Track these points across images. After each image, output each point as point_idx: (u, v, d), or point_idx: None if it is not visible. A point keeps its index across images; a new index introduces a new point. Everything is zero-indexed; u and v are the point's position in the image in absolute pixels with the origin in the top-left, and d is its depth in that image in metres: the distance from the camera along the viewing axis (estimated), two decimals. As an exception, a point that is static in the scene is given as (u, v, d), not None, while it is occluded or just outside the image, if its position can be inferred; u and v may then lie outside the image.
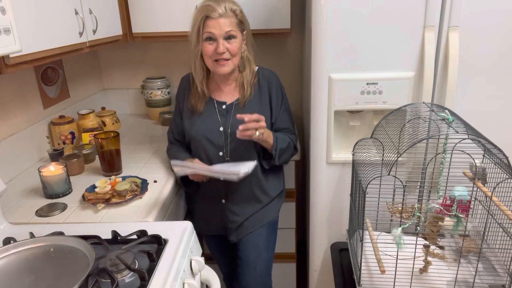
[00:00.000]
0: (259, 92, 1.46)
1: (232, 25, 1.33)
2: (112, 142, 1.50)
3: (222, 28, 1.31)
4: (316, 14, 1.31)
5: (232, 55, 1.35)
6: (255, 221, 1.53)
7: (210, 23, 1.31)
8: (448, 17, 1.26)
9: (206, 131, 1.43)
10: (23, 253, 0.96)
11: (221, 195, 1.49)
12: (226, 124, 1.43)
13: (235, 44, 1.35)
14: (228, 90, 1.47)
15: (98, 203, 1.28)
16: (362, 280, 1.08)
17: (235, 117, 1.40)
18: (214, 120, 1.44)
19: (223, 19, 1.31)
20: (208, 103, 1.46)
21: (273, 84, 1.47)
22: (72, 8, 1.41)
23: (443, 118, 1.02)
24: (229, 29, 1.32)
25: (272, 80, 1.47)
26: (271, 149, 1.42)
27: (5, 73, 1.10)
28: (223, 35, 1.32)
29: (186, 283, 0.99)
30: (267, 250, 1.57)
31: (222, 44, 1.32)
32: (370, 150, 1.17)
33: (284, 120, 1.49)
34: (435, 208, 1.05)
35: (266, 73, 1.48)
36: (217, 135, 1.43)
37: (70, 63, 1.99)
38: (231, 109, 1.44)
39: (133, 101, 2.40)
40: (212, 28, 1.31)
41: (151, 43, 2.26)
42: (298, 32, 2.18)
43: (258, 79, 1.46)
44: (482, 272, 1.04)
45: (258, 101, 1.45)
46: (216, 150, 1.43)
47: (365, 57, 1.31)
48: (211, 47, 1.34)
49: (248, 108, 1.43)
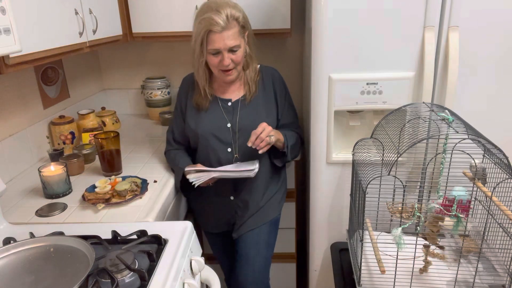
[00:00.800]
0: (263, 89, 1.48)
1: (235, 36, 1.32)
2: (112, 142, 1.50)
3: (226, 42, 1.31)
4: (316, 14, 1.31)
5: (236, 64, 1.38)
6: (258, 218, 1.55)
7: (213, 37, 1.31)
8: (448, 17, 1.26)
9: (214, 128, 1.45)
10: (23, 253, 0.96)
11: (230, 192, 1.51)
12: (233, 120, 1.45)
13: (239, 54, 1.36)
14: (232, 88, 1.49)
15: (98, 203, 1.28)
16: (362, 280, 1.08)
17: (242, 113, 1.45)
18: (221, 117, 1.46)
19: (226, 32, 1.30)
20: (212, 102, 1.48)
21: (277, 80, 1.50)
22: (72, 8, 1.41)
23: (443, 118, 1.02)
24: (233, 43, 1.32)
25: (276, 76, 1.50)
26: (282, 147, 1.45)
27: (5, 73, 1.10)
28: (227, 49, 1.33)
29: (186, 283, 0.99)
30: (267, 247, 1.58)
31: (227, 57, 1.33)
32: (370, 150, 1.17)
33: (289, 115, 1.54)
34: (435, 208, 1.05)
35: (269, 70, 1.51)
36: (225, 132, 1.45)
37: (70, 63, 1.99)
38: (237, 106, 1.46)
39: (133, 101, 2.40)
40: (216, 44, 1.31)
41: (151, 43, 2.26)
42: (298, 32, 2.18)
43: (261, 76, 1.49)
44: (482, 272, 1.04)
45: (263, 98, 1.48)
46: (224, 146, 1.45)
47: (365, 57, 1.31)
48: (216, 60, 1.35)
49: (254, 104, 1.46)
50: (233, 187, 1.51)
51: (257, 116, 1.44)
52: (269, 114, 1.48)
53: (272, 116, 1.49)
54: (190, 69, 1.51)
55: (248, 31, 1.41)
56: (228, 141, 1.45)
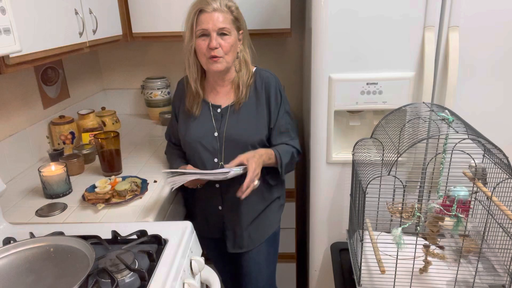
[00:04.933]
0: (255, 95, 1.39)
1: (226, 21, 1.28)
2: (112, 142, 1.50)
3: (216, 23, 1.26)
4: (316, 14, 1.31)
5: (225, 52, 1.30)
6: (254, 237, 1.48)
7: (203, 17, 1.27)
8: (448, 17, 1.26)
9: (201, 136, 1.39)
10: (23, 253, 0.96)
11: (218, 202, 1.44)
12: (221, 129, 1.38)
13: (229, 41, 1.29)
14: (223, 92, 1.41)
15: (98, 203, 1.28)
16: (362, 280, 1.08)
17: (230, 122, 1.37)
18: (209, 125, 1.39)
19: (217, 14, 1.26)
20: (203, 106, 1.42)
21: (272, 87, 1.39)
22: (72, 8, 1.41)
23: (443, 118, 1.02)
24: (223, 25, 1.27)
25: (271, 82, 1.39)
26: (275, 164, 1.37)
27: (5, 73, 1.10)
28: (216, 30, 1.27)
29: (186, 283, 0.99)
30: (268, 264, 1.54)
31: (215, 39, 1.27)
32: (370, 150, 1.17)
33: (283, 123, 1.41)
34: (435, 208, 1.05)
35: (264, 74, 1.41)
36: (212, 141, 1.38)
37: (70, 63, 1.99)
38: (226, 113, 1.39)
39: (133, 101, 2.40)
40: (205, 23, 1.27)
41: (151, 43, 2.26)
42: (298, 32, 2.18)
43: (254, 81, 1.40)
44: (482, 272, 1.04)
45: (254, 105, 1.39)
46: (211, 155, 1.39)
47: (365, 57, 1.31)
48: (204, 43, 1.29)
49: (244, 111, 1.38)
50: (221, 197, 1.43)
51: (245, 125, 1.37)
52: (259, 123, 1.38)
53: (261, 125, 1.38)
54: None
55: (244, 31, 1.36)
56: (214, 151, 1.38)
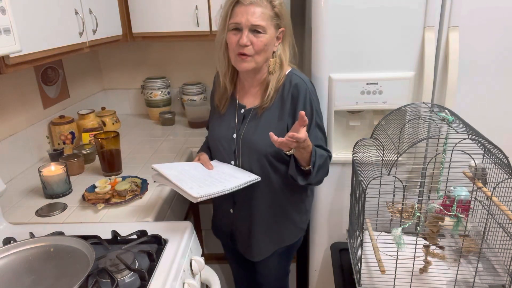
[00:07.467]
0: (280, 101, 1.24)
1: (263, 17, 1.15)
2: (112, 142, 1.50)
3: (250, 18, 1.14)
4: (316, 14, 1.31)
5: (256, 51, 1.17)
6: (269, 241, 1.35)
7: (238, 10, 1.15)
8: (448, 17, 1.26)
9: (221, 136, 1.32)
10: (23, 253, 0.96)
11: (229, 205, 1.36)
12: (239, 132, 1.28)
13: (262, 39, 1.16)
14: (252, 92, 1.30)
15: (98, 203, 1.28)
16: (362, 280, 1.08)
17: (249, 126, 1.27)
18: (230, 125, 1.31)
19: (254, 8, 1.14)
20: (231, 104, 1.33)
21: (301, 95, 1.21)
22: (72, 8, 1.41)
23: (443, 118, 1.02)
24: (258, 22, 1.14)
25: (300, 90, 1.21)
26: (307, 162, 1.18)
27: (5, 73, 1.10)
28: (249, 26, 1.15)
29: (186, 283, 0.99)
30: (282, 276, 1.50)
31: (246, 36, 1.15)
32: (370, 150, 1.17)
33: (313, 139, 1.19)
34: (435, 208, 1.05)
35: (295, 80, 1.23)
36: (230, 142, 1.30)
37: (70, 63, 1.99)
38: (248, 115, 1.29)
39: (133, 101, 2.40)
40: (239, 17, 1.15)
41: (151, 43, 2.26)
42: (298, 32, 2.18)
43: (283, 85, 1.24)
44: (482, 272, 1.04)
45: (277, 112, 1.24)
46: (228, 157, 1.32)
47: (365, 57, 1.31)
48: (235, 38, 1.17)
49: (265, 118, 1.25)
50: (232, 200, 1.34)
51: (263, 134, 1.21)
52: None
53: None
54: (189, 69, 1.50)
55: (285, 29, 1.22)
56: (231, 153, 1.30)
